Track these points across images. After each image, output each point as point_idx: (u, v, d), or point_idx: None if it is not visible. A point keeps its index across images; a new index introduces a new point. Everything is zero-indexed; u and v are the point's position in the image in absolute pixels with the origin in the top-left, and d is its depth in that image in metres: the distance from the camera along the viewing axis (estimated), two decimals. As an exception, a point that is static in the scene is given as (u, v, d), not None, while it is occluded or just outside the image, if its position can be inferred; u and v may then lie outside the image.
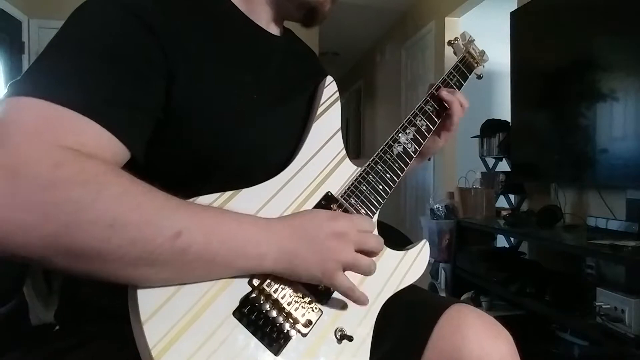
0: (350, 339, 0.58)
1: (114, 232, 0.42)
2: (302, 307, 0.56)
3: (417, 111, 0.78)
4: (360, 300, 0.58)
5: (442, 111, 0.81)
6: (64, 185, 0.41)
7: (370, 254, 0.58)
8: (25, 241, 0.40)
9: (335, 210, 0.63)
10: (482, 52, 0.94)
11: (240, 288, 0.52)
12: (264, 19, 0.69)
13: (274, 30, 0.71)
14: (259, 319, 0.52)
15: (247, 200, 0.56)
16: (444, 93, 0.79)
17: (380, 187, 0.69)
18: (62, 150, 0.43)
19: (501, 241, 2.83)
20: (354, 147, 6.96)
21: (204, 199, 0.53)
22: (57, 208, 0.41)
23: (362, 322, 0.61)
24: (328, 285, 0.56)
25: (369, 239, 0.58)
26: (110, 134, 0.48)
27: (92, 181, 0.42)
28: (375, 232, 0.68)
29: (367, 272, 0.58)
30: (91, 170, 0.43)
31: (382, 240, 0.60)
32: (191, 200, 0.52)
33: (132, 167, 0.51)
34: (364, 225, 0.59)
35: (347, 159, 0.69)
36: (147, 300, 0.47)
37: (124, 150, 0.50)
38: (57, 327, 0.62)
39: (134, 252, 0.44)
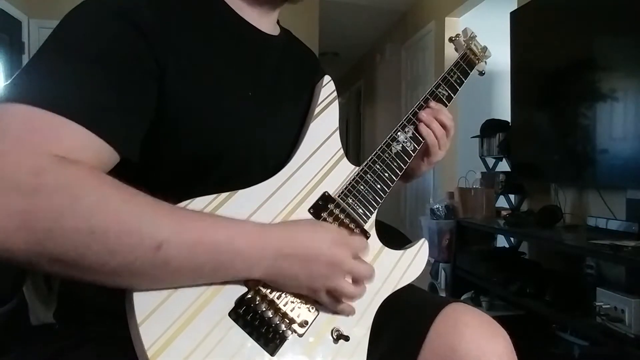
0: (346, 339, 0.58)
1: (93, 240, 0.42)
2: (298, 307, 0.56)
3: (416, 109, 0.77)
4: (345, 312, 0.58)
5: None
6: (43, 193, 0.41)
7: (359, 281, 0.58)
8: (10, 247, 0.41)
9: (333, 210, 0.63)
10: (484, 48, 0.93)
11: (236, 289, 0.52)
12: (252, 15, 0.68)
13: (268, 29, 0.70)
14: (255, 320, 0.52)
15: (244, 201, 0.56)
16: (422, 128, 0.74)
17: (379, 186, 0.69)
18: (44, 157, 0.43)
19: (501, 241, 2.83)
20: (354, 147, 6.96)
21: (200, 201, 0.53)
22: (37, 215, 0.41)
23: (359, 322, 0.61)
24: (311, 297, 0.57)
25: (361, 269, 0.58)
26: (95, 136, 0.47)
27: (71, 188, 0.42)
28: (374, 232, 0.68)
29: (349, 298, 0.58)
30: (71, 176, 0.43)
31: (373, 268, 0.60)
32: (187, 202, 0.52)
33: (127, 168, 0.51)
34: (361, 249, 0.59)
35: (345, 159, 0.69)
36: (143, 301, 0.47)
37: (111, 152, 0.49)
38: (57, 327, 0.62)
39: (114, 262, 0.43)
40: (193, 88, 0.56)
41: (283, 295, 0.55)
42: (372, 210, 0.67)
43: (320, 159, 0.66)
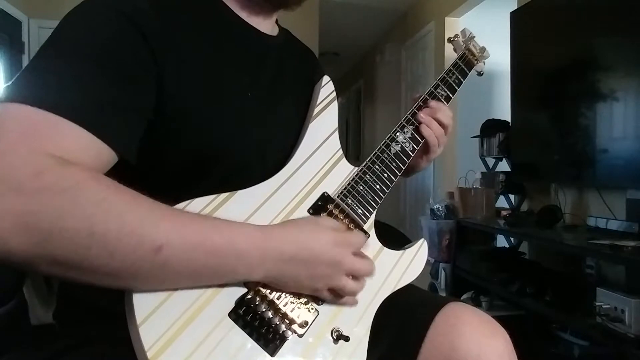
0: (346, 339, 0.58)
1: (93, 241, 0.42)
2: (298, 307, 0.56)
3: (415, 109, 0.77)
4: (347, 305, 0.60)
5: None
6: (43, 194, 0.41)
7: (359, 277, 0.59)
8: (10, 249, 0.41)
9: (332, 211, 0.63)
10: (483, 49, 0.93)
11: (236, 289, 0.52)
12: (250, 16, 0.68)
13: (266, 29, 0.70)
14: (255, 320, 0.52)
15: (244, 201, 0.56)
16: (423, 127, 0.74)
17: (378, 186, 0.69)
18: (44, 157, 0.43)
19: (501, 241, 2.83)
20: (354, 147, 6.96)
21: (200, 202, 0.53)
22: (37, 217, 0.41)
23: (359, 322, 0.61)
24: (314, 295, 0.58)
25: (361, 266, 0.58)
26: (94, 136, 0.47)
27: (71, 189, 0.42)
28: (373, 232, 0.68)
29: (351, 295, 0.59)
30: (71, 178, 0.43)
31: (373, 263, 0.61)
32: (186, 203, 0.52)
33: (126, 168, 0.51)
34: (360, 245, 0.60)
35: (344, 159, 0.69)
36: (143, 302, 0.47)
37: (109, 152, 0.49)
38: (57, 327, 0.62)
39: (114, 264, 0.43)
40: (192, 88, 0.56)
41: (283, 295, 0.55)
42: (371, 210, 0.67)
43: (320, 159, 0.66)
